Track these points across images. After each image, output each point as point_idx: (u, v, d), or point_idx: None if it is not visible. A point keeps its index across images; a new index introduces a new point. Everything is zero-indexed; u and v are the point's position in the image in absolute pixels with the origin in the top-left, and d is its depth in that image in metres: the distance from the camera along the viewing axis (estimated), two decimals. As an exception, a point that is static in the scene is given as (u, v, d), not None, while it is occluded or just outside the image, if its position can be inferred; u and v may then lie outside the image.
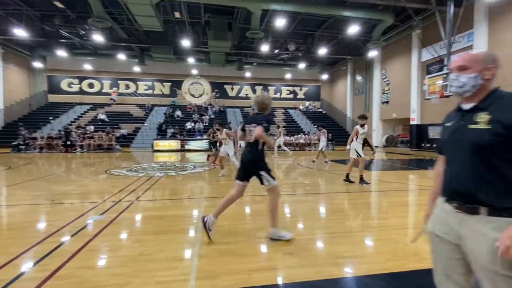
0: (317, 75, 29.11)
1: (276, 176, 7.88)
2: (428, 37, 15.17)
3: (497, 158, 1.19)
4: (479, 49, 13.43)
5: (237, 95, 30.19)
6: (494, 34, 13.02)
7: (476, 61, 1.33)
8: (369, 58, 22.24)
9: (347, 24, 17.10)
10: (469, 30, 13.94)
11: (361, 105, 24.51)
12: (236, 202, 4.93)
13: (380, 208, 4.75)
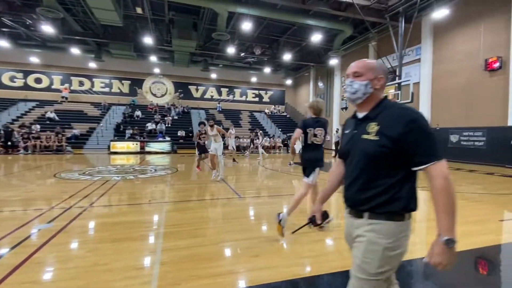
0: (282, 80, 29.87)
1: (241, 179, 7.87)
2: (383, 49, 16.46)
3: (382, 168, 1.24)
4: (426, 63, 14.92)
5: (202, 96, 29.68)
6: (438, 50, 14.56)
7: (368, 69, 1.34)
8: (330, 66, 23.41)
9: (310, 32, 17.83)
10: (417, 45, 15.41)
11: (323, 110, 25.63)
12: (194, 207, 4.83)
13: (341, 208, 4.98)
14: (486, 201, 5.39)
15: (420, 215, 4.59)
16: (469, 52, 12.94)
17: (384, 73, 1.37)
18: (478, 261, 2.90)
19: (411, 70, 15.81)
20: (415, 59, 15.69)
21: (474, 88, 12.69)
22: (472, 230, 3.68)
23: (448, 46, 14.01)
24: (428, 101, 14.93)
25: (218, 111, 28.42)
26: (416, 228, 3.88)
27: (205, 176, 8.60)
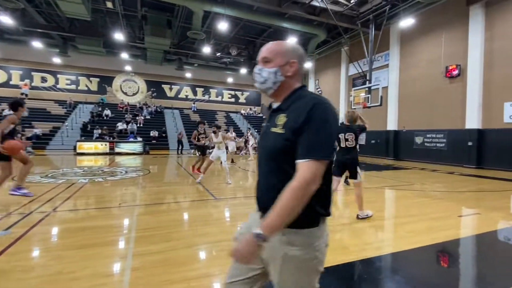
0: (258, 81, 30.03)
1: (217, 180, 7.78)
2: (355, 53, 17.16)
3: (288, 165, 1.08)
4: (394, 69, 15.79)
5: (176, 95, 29.02)
6: (404, 57, 15.47)
7: (278, 54, 1.18)
8: (305, 69, 23.96)
9: (286, 35, 18.13)
10: (386, 51, 16.26)
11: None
12: (167, 209, 4.71)
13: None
14: (446, 199, 5.81)
15: (389, 212, 4.84)
16: (431, 60, 13.89)
17: (298, 57, 1.19)
18: (440, 255, 3.12)
19: (380, 75, 16.63)
20: (384, 65, 16.53)
21: (436, 94, 13.64)
22: (434, 226, 3.95)
23: (413, 54, 14.93)
24: (395, 105, 15.81)
25: (193, 111, 27.95)
26: (385, 225, 4.09)
27: (180, 177, 8.41)
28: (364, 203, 4.32)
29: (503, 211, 4.94)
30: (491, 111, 11.57)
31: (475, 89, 11.88)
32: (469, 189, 6.99)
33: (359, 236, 3.48)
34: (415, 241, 3.35)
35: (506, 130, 11.00)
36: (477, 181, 8.51)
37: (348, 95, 18.52)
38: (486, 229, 3.92)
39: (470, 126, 12.02)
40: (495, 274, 2.69)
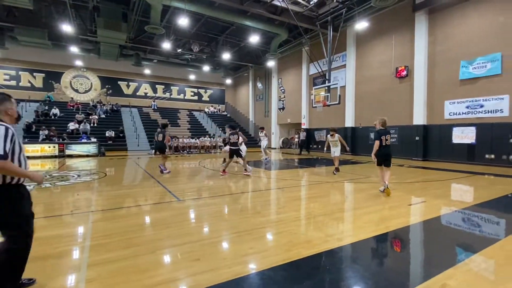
0: (222, 79, 29.75)
1: (181, 181, 7.56)
2: (315, 54, 17.81)
3: None
4: (351, 69, 16.70)
5: (134, 93, 27.52)
6: (360, 57, 16.45)
7: None
8: (268, 67, 24.29)
9: (249, 33, 18.19)
10: (343, 51, 17.14)
11: (262, 110, 26.46)
12: (127, 214, 4.47)
13: (279, 204, 5.21)
14: (398, 189, 6.33)
15: (348, 205, 5.12)
16: (383, 61, 14.97)
17: None
18: (393, 242, 3.38)
19: (338, 75, 17.49)
20: (342, 65, 17.42)
21: (388, 93, 14.75)
22: (388, 215, 4.27)
23: (367, 55, 15.96)
24: (352, 103, 16.77)
25: (153, 109, 26.76)
26: (345, 217, 4.32)
27: (141, 180, 8.01)
28: (331, 195, 4.72)
29: (445, 199, 5.52)
30: (434, 109, 12.84)
31: (421, 88, 13.08)
32: (416, 179, 7.69)
33: (322, 229, 3.63)
34: (372, 230, 3.59)
35: (446, 125, 12.31)
36: (423, 172, 9.40)
37: (309, 94, 19.19)
38: (431, 215, 4.35)
39: (417, 122, 13.21)
40: (440, 255, 3.00)
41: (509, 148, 10.53)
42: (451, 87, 12.19)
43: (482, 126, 11.24)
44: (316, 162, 13.18)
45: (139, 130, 21.68)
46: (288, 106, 22.77)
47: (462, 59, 11.74)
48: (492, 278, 2.45)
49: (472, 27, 11.47)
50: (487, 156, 11.12)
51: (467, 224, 4.05)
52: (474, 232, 3.70)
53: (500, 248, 3.08)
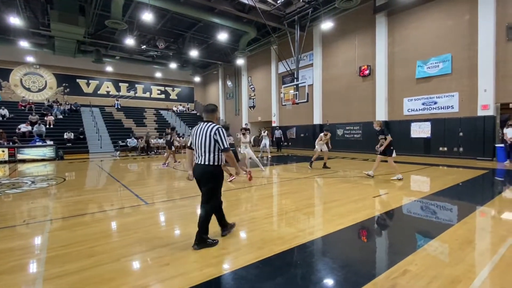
0: (190, 76, 29.10)
1: (148, 183, 7.28)
2: (283, 52, 18.10)
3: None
4: (317, 68, 17.22)
5: (95, 91, 25.92)
6: (326, 57, 17.02)
7: None
8: (238, 65, 24.20)
9: (217, 30, 17.94)
10: (310, 51, 17.60)
11: (232, 108, 26.33)
12: (90, 221, 4.21)
13: (251, 202, 5.23)
14: (363, 182, 6.66)
15: (318, 199, 5.28)
16: (347, 60, 15.64)
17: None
18: (360, 233, 3.55)
19: (306, 73, 17.95)
20: (309, 64, 17.90)
21: (352, 91, 15.45)
22: (354, 207, 4.48)
23: (333, 54, 16.56)
24: (319, 101, 17.32)
25: (116, 108, 25.42)
26: (315, 211, 4.45)
27: (105, 184, 7.57)
28: (302, 191, 4.85)
29: (406, 190, 5.93)
30: (394, 105, 13.70)
31: (382, 86, 13.88)
32: (380, 173, 8.15)
33: (293, 225, 3.70)
34: (340, 223, 3.73)
35: (405, 121, 13.20)
36: (386, 165, 9.98)
37: (279, 92, 19.48)
38: (394, 206, 4.64)
39: (379, 118, 14.00)
40: (402, 243, 3.21)
41: (459, 141, 11.59)
42: (409, 85, 13.09)
43: (436, 121, 12.23)
44: (288, 159, 13.43)
45: (101, 130, 20.47)
46: (258, 104, 22.90)
47: (418, 59, 12.65)
48: (447, 261, 2.67)
49: (426, 30, 12.40)
50: (441, 148, 12.14)
51: (425, 212, 4.38)
52: (431, 219, 4.01)
53: (453, 233, 3.38)
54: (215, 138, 2.99)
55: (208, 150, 3.02)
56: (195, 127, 3.17)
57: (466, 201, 5.11)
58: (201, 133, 3.07)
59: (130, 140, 18.65)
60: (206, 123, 3.10)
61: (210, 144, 3.01)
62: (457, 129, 11.61)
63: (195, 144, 3.12)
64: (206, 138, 3.02)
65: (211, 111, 3.22)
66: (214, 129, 3.01)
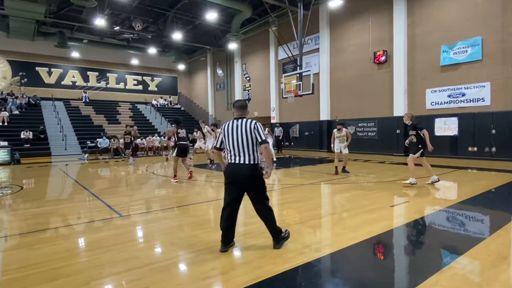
0: (173, 64, 29.01)
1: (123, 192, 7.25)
2: (284, 35, 18.15)
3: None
4: (324, 53, 17.29)
5: (58, 82, 25.79)
6: (334, 40, 17.10)
7: None
8: (230, 51, 24.19)
9: (205, 8, 17.91)
10: (316, 33, 17.67)
11: (223, 101, 26.33)
12: (54, 237, 4.18)
13: (246, 213, 5.22)
14: (379, 189, 6.71)
15: (325, 209, 5.30)
16: (360, 45, 15.73)
17: None
18: (376, 249, 3.57)
19: (311, 60, 18.01)
20: (315, 49, 17.96)
21: (365, 80, 15.55)
22: (369, 219, 4.51)
23: (342, 37, 16.64)
24: (327, 93, 17.39)
25: (84, 102, 25.29)
26: (322, 223, 4.46)
27: (71, 193, 7.52)
28: (307, 200, 5.09)
29: (428, 197, 5.98)
30: (415, 98, 13.82)
31: (401, 75, 13.98)
32: (398, 177, 8.22)
33: (297, 240, 3.71)
34: (351, 237, 3.75)
35: (428, 116, 13.31)
36: (405, 169, 10.06)
37: (279, 82, 19.50)
38: (415, 217, 4.68)
39: (398, 114, 14.10)
40: (425, 260, 3.23)
41: (491, 139, 11.71)
42: (432, 74, 13.20)
43: (464, 117, 12.35)
44: (290, 162, 13.46)
45: (66, 129, 20.33)
46: (255, 96, 22.93)
47: (442, 43, 12.77)
48: (477, 281, 2.70)
49: (452, 9, 12.51)
50: (470, 148, 12.27)
51: (452, 224, 4.42)
52: (459, 232, 4.05)
53: (485, 247, 3.41)
54: (254, 132, 3.26)
55: (251, 147, 3.29)
56: (226, 126, 3.40)
57: (499, 211, 5.17)
58: (238, 130, 3.30)
59: (101, 140, 18.54)
60: (241, 120, 3.35)
61: (252, 140, 3.28)
62: (489, 125, 11.73)
63: (230, 143, 3.33)
64: (247, 135, 3.27)
65: (243, 107, 3.49)
66: (253, 124, 3.30)
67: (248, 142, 3.26)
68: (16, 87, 23.61)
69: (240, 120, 3.36)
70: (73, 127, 21.12)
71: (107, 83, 28.04)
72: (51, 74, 25.50)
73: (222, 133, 3.43)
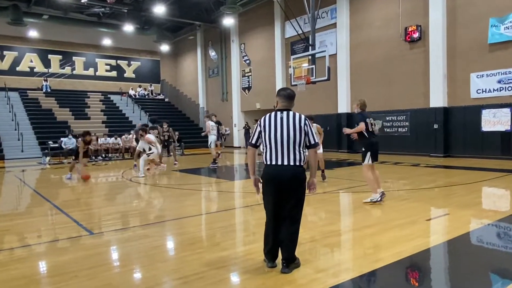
0: (154, 44, 29.06)
1: (94, 203, 7.30)
2: (292, 7, 18.12)
3: None
4: (343, 29, 17.26)
5: (13, 68, 25.97)
6: (355, 13, 17.06)
7: None
8: (225, 28, 24.20)
9: (193, -25, 17.95)
10: (332, 5, 17.64)
11: (217, 91, 26.37)
12: (7, 260, 4.20)
13: (246, 229, 5.23)
14: (412, 198, 6.69)
15: (345, 224, 5.29)
16: (388, 18, 15.69)
17: None
18: (408, 274, 3.55)
19: (326, 38, 17.99)
20: (331, 24, 17.94)
21: (395, 62, 15.51)
22: (399, 236, 4.49)
23: (365, 9, 16.60)
24: (347, 78, 17.35)
25: (44, 93, 25.39)
26: (342, 241, 4.45)
27: (30, 205, 7.55)
28: (321, 212, 4.67)
29: (473, 208, 5.95)
30: (456, 84, 13.78)
31: (439, 56, 13.92)
32: (437, 184, 8.19)
33: (310, 262, 3.70)
34: (377, 258, 3.74)
35: (473, 107, 13.27)
36: (445, 173, 10.06)
37: (287, 66, 19.48)
38: (457, 233, 4.65)
39: (435, 104, 14.07)
40: (471, 286, 3.21)
41: (553, 135, 11.66)
42: (478, 54, 13.15)
43: (518, 107, 12.31)
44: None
45: (22, 126, 20.46)
46: (256, 84, 22.94)
47: (491, 16, 12.71)
48: (536, 313, 2.68)
49: (502, -28, 12.44)
50: (526, 147, 12.23)
51: (504, 242, 4.40)
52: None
53: (544, 271, 3.40)
54: (305, 130, 3.33)
55: (298, 146, 3.35)
56: (268, 118, 3.43)
57: None
58: (284, 124, 3.34)
59: (66, 140, 18.60)
60: (286, 112, 3.40)
61: (301, 138, 3.33)
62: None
63: (272, 139, 3.36)
64: (295, 131, 3.32)
65: (291, 97, 3.52)
66: (303, 119, 3.36)
67: (296, 140, 3.30)
68: (-39, 74, 23.78)
69: (285, 112, 3.39)
70: (31, 123, 21.24)
71: (73, 68, 28.20)
72: (4, 58, 25.72)
73: (260, 127, 3.45)
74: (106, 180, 11.21)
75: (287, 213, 3.37)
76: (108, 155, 19.01)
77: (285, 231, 3.36)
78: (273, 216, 3.42)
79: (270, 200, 3.43)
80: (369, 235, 4.61)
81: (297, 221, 3.42)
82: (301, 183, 3.36)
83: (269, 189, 3.42)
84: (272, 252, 3.45)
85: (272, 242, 3.42)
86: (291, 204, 3.34)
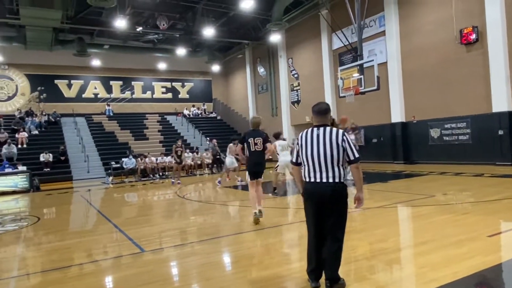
0: (206, 65, 30.06)
1: (146, 220, 7.54)
2: (337, 19, 17.97)
3: None
4: (393, 36, 16.78)
5: (79, 95, 28.09)
6: (405, 19, 16.50)
7: None
8: (272, 44, 24.50)
9: (239, -4, 18.45)
10: (380, 13, 17.23)
11: (267, 106, 26.59)
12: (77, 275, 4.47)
13: (289, 247, 5.13)
14: (475, 212, 6.22)
15: (397, 240, 5.03)
16: (440, 21, 14.99)
17: None
18: (466, 295, 3.28)
19: (375, 47, 17.54)
20: (379, 32, 17.49)
21: (450, 67, 14.71)
22: (456, 253, 4.17)
23: (416, 14, 16.01)
24: (399, 87, 16.72)
25: (107, 116, 27.10)
26: (392, 259, 4.23)
27: (93, 224, 8.03)
28: (373, 228, 4.66)
29: (545, 222, 5.40)
30: (521, 86, 12.74)
31: (500, 57, 13.01)
32: (503, 195, 7.54)
33: (357, 281, 3.55)
34: (432, 278, 3.49)
35: (543, 110, 12.15)
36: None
37: (335, 77, 19.23)
38: (524, 250, 4.24)
39: (498, 109, 13.09)
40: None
41: None
42: (544, 53, 12.10)
43: None
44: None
45: (88, 148, 21.94)
46: (305, 98, 22.86)
47: (557, 10, 11.69)
48: None
49: None
50: None
51: None
52: None
53: None
54: (343, 146, 3.25)
55: (337, 162, 3.27)
56: (305, 136, 3.43)
57: None
58: (321, 141, 3.30)
59: (127, 160, 19.61)
60: (323, 128, 3.35)
61: (339, 154, 3.26)
62: None
63: (309, 156, 3.35)
64: (332, 147, 3.26)
65: (325, 112, 3.46)
66: (341, 135, 3.29)
67: (333, 156, 3.24)
68: (35, 103, 26.07)
69: (322, 128, 3.35)
70: (96, 146, 22.67)
71: (132, 93, 29.84)
72: (71, 86, 27.79)
73: (298, 144, 3.47)
74: (162, 197, 11.62)
75: (329, 231, 3.27)
76: (165, 173, 19.78)
77: (327, 250, 3.25)
78: (315, 234, 3.35)
79: (310, 217, 3.38)
80: (423, 253, 4.34)
81: (339, 239, 3.30)
82: (341, 200, 3.28)
83: (309, 206, 3.39)
84: (315, 272, 3.35)
85: (315, 261, 3.34)
86: (332, 222, 3.26)
